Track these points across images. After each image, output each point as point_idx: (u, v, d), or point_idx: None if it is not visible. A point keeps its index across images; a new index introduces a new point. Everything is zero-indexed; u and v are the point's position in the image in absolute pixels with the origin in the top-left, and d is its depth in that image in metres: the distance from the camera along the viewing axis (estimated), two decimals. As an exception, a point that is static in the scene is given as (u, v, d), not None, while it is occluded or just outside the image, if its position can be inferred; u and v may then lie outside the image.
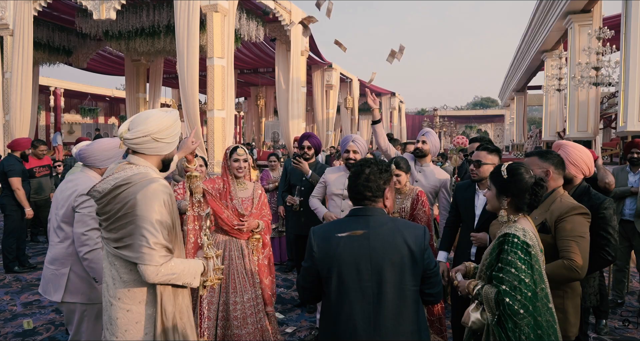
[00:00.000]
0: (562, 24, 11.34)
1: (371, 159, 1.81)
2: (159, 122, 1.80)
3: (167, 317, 1.72)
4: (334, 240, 1.67)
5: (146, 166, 1.82)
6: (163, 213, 1.71)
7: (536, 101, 26.21)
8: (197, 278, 1.82)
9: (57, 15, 11.43)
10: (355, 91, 19.70)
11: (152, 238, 1.66)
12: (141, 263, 1.66)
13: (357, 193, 1.74)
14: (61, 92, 21.43)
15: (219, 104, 8.99)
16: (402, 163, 3.03)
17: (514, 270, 1.66)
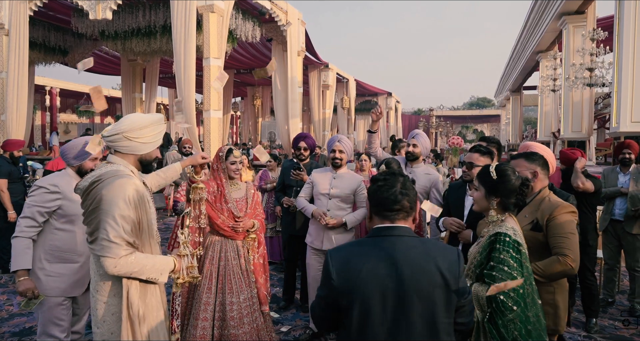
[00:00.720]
0: (556, 24, 11.43)
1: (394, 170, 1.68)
2: (133, 122, 1.90)
3: (133, 311, 1.79)
4: (356, 266, 1.42)
5: (122, 164, 1.89)
6: (126, 208, 1.76)
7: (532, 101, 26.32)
8: (164, 274, 1.85)
9: (53, 15, 11.42)
10: (351, 91, 19.74)
11: (112, 232, 1.73)
12: (101, 255, 1.75)
13: (386, 207, 1.48)
14: (57, 92, 21.38)
15: (215, 104, 9.02)
16: (394, 164, 3.08)
17: (506, 268, 1.72)
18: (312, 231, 3.40)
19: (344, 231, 3.27)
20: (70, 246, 2.39)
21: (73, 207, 2.36)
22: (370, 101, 24.89)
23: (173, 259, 1.91)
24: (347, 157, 3.42)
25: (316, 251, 3.35)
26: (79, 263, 2.42)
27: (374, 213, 1.52)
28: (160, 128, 1.97)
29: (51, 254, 2.35)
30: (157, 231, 2.06)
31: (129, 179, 1.83)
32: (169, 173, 2.36)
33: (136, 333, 1.80)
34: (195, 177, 2.49)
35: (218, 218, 2.67)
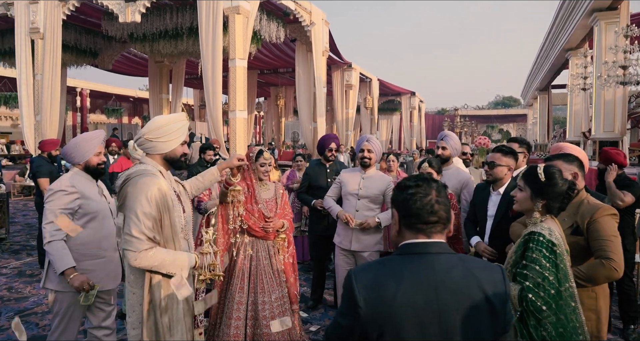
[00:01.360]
0: (587, 21, 11.10)
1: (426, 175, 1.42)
2: (151, 124, 2.01)
3: (155, 302, 1.89)
4: (388, 291, 1.17)
5: (151, 164, 2.00)
6: (147, 205, 1.85)
7: (560, 100, 25.65)
8: (184, 270, 1.92)
9: (85, 18, 11.76)
10: (374, 91, 19.64)
11: (134, 227, 1.83)
12: (124, 248, 1.87)
13: (420, 219, 1.24)
14: (87, 93, 21.99)
15: (240, 104, 9.12)
16: (435, 163, 3.05)
17: (538, 267, 1.70)
18: (340, 231, 3.40)
19: (372, 231, 3.26)
20: (95, 243, 2.46)
21: (92, 205, 2.46)
22: (394, 100, 24.71)
23: (195, 256, 1.97)
24: (376, 157, 3.40)
25: (344, 251, 3.35)
26: (104, 258, 2.50)
27: (405, 227, 1.26)
28: (178, 125, 2.02)
29: (78, 253, 2.42)
30: (187, 230, 2.10)
31: (153, 179, 1.91)
32: (207, 177, 2.40)
33: (158, 323, 1.90)
34: (232, 179, 2.52)
35: (250, 219, 2.70)
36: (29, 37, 10.60)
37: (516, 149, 3.14)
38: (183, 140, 2.06)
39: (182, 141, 2.05)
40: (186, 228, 2.10)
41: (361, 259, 3.30)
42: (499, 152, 2.76)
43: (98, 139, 2.55)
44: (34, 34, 10.49)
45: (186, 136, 2.09)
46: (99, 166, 2.53)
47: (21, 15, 10.55)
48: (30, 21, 10.48)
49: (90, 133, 2.58)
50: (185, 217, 2.10)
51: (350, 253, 3.35)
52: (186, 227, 2.10)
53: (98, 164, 2.53)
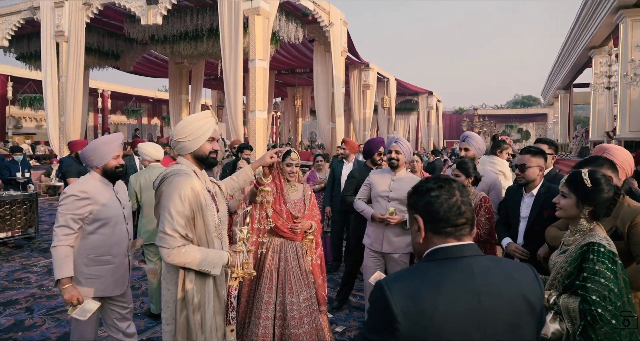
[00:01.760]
0: (612, 19, 10.84)
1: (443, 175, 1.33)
2: (178, 126, 2.05)
3: (187, 298, 1.93)
4: (428, 301, 1.06)
5: (185, 164, 2.05)
6: (180, 203, 1.89)
7: (581, 99, 25.10)
8: (217, 267, 1.94)
9: (107, 21, 11.98)
10: (392, 91, 19.54)
11: (168, 225, 1.88)
12: (158, 244, 1.91)
13: (449, 221, 1.16)
14: (108, 95, 22.40)
15: (260, 105, 9.17)
16: (466, 165, 3.00)
17: (603, 280, 1.64)
18: (370, 232, 3.38)
19: (402, 232, 3.24)
20: (105, 249, 2.43)
21: (104, 210, 2.41)
22: (411, 100, 24.56)
23: (227, 254, 1.98)
24: (405, 158, 3.35)
25: (375, 253, 3.34)
26: (114, 264, 2.46)
27: (432, 231, 1.17)
28: (202, 123, 2.03)
29: (88, 258, 2.40)
30: (221, 229, 2.12)
31: (187, 178, 1.95)
32: (242, 176, 2.42)
33: (189, 320, 1.93)
34: (263, 179, 2.53)
35: (278, 220, 2.71)
36: (54, 41, 10.86)
37: (545, 150, 3.09)
38: (210, 137, 2.06)
39: (209, 137, 2.06)
40: (220, 227, 2.12)
41: (391, 261, 3.28)
42: (528, 153, 2.70)
43: (116, 143, 2.53)
44: (59, 37, 10.74)
45: (214, 133, 2.08)
46: (116, 170, 2.51)
47: (47, 18, 10.81)
48: (56, 25, 10.73)
49: (109, 136, 2.56)
50: (219, 216, 2.12)
51: (380, 255, 3.34)
52: (220, 226, 2.12)
53: (116, 168, 2.51)
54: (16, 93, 19.00)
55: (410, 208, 1.24)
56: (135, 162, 5.90)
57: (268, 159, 2.47)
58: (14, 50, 12.90)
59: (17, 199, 5.92)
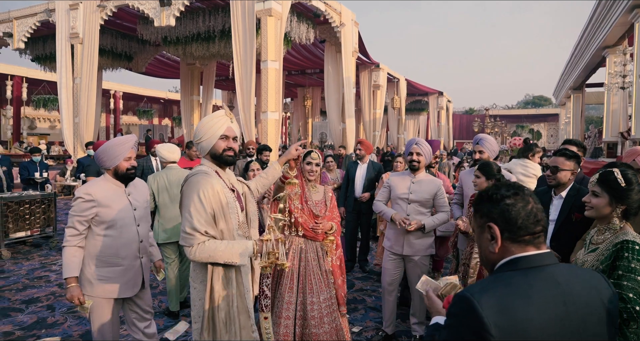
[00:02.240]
0: (627, 18, 10.71)
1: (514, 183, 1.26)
2: (195, 130, 2.10)
3: (214, 296, 1.94)
4: (521, 313, 1.01)
5: (205, 164, 2.08)
6: (199, 202, 1.91)
7: (594, 99, 24.84)
8: (242, 257, 1.93)
9: (121, 23, 12.12)
10: (402, 91, 19.49)
11: (187, 224, 1.91)
12: (181, 244, 1.95)
13: (527, 230, 1.12)
14: (120, 95, 22.63)
15: (272, 106, 9.22)
16: (489, 168, 2.99)
17: (639, 278, 1.66)
18: (390, 235, 3.38)
19: (423, 235, 3.25)
20: (113, 251, 2.43)
21: (109, 213, 2.41)
22: (421, 100, 24.47)
23: (253, 243, 1.97)
24: (426, 160, 3.34)
25: (395, 256, 3.35)
26: (123, 266, 2.46)
27: (509, 240, 1.13)
28: (213, 122, 2.04)
29: (98, 259, 2.41)
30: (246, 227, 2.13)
31: (205, 177, 1.97)
32: (270, 172, 2.43)
33: (215, 318, 1.95)
34: (289, 173, 2.53)
35: (301, 216, 2.75)
36: (69, 42, 11.01)
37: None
38: (222, 134, 2.04)
39: (221, 135, 2.04)
40: (245, 226, 2.13)
41: (411, 263, 3.29)
42: (563, 156, 2.64)
43: (129, 144, 2.50)
44: (74, 39, 10.88)
45: (227, 131, 2.06)
46: (128, 172, 2.49)
47: (62, 20, 10.97)
48: (70, 26, 10.88)
49: (121, 138, 2.54)
50: (248, 215, 2.15)
51: (400, 257, 3.35)
52: (246, 225, 2.14)
53: (127, 169, 2.49)
54: (31, 94, 19.30)
55: (482, 216, 1.18)
56: (152, 163, 5.96)
57: (294, 151, 2.46)
58: (29, 52, 13.09)
59: (36, 199, 6.03)
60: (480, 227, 1.19)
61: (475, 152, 3.57)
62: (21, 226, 5.83)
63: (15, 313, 3.88)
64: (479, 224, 1.20)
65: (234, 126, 2.11)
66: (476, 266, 2.92)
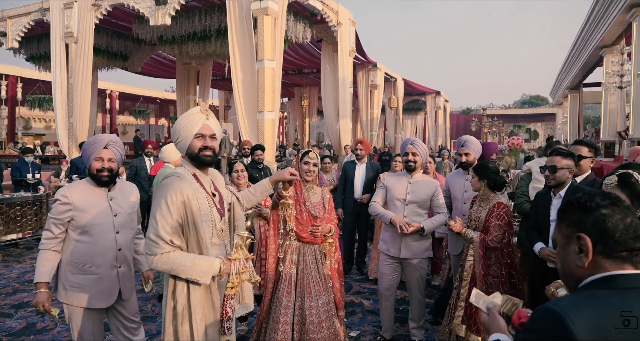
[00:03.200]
0: (625, 17, 10.68)
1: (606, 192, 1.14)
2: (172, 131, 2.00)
3: (177, 308, 1.82)
4: (618, 336, 0.93)
5: (185, 165, 1.95)
6: (166, 208, 1.78)
7: (591, 98, 24.85)
8: (205, 276, 1.79)
9: (116, 22, 12.00)
10: (399, 91, 19.43)
11: (152, 230, 1.78)
12: (144, 251, 1.83)
13: (625, 245, 1.01)
14: (116, 95, 22.49)
15: (269, 105, 9.13)
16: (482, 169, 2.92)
17: None
18: (386, 238, 3.28)
19: (420, 237, 3.17)
20: (87, 258, 2.29)
21: (85, 217, 2.27)
22: (418, 100, 24.44)
23: (220, 261, 1.83)
24: (422, 160, 3.27)
25: (392, 259, 3.26)
26: (97, 274, 2.30)
27: (602, 254, 1.01)
28: (187, 120, 1.91)
29: (72, 265, 2.29)
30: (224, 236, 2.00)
31: (176, 181, 1.83)
32: (259, 189, 2.29)
33: (178, 331, 1.82)
34: (283, 192, 2.45)
35: (298, 227, 2.65)
36: (63, 42, 10.89)
37: (585, 153, 3.00)
38: (197, 133, 1.89)
39: (196, 133, 1.89)
40: (224, 234, 2.00)
41: (409, 267, 3.21)
42: (559, 155, 2.64)
43: (99, 144, 2.33)
44: (68, 38, 10.77)
45: (203, 129, 1.90)
46: (98, 173, 2.30)
47: (56, 20, 10.85)
48: (65, 26, 10.76)
49: (96, 136, 2.41)
50: (232, 223, 2.04)
51: (397, 261, 3.26)
52: (224, 233, 2.00)
53: (98, 170, 2.30)
54: (25, 94, 19.13)
55: (569, 225, 1.07)
56: (145, 163, 5.86)
57: (287, 175, 2.33)
58: (24, 51, 12.96)
59: (28, 200, 5.92)
60: (566, 237, 1.08)
61: (461, 155, 3.47)
62: (12, 228, 5.72)
63: (4, 319, 3.79)
64: (565, 234, 1.08)
65: (212, 123, 1.95)
66: (470, 269, 2.85)
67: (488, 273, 2.80)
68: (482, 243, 2.80)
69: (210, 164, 1.97)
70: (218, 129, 1.99)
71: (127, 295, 2.44)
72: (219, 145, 2.03)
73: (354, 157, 5.21)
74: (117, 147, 2.42)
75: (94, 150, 2.33)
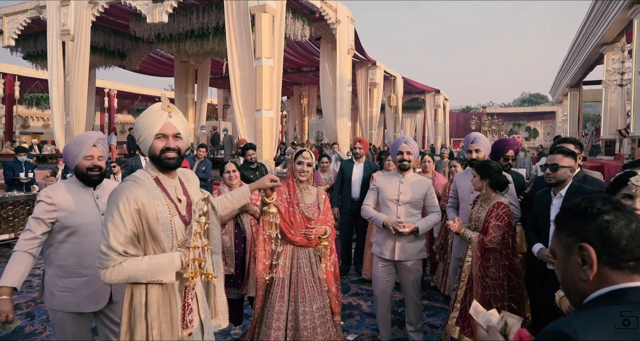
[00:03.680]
0: (626, 14, 10.59)
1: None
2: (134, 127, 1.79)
3: (134, 309, 1.68)
4: None
5: (149, 168, 1.78)
6: (118, 216, 1.61)
7: (591, 96, 24.77)
8: (168, 274, 1.66)
9: (113, 20, 11.91)
10: (399, 89, 19.36)
11: (103, 241, 1.61)
12: (96, 265, 1.63)
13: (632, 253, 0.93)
14: (114, 94, 22.39)
15: (267, 104, 9.06)
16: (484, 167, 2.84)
17: None
18: (379, 240, 3.19)
19: (415, 238, 3.09)
20: (76, 260, 2.20)
21: (71, 218, 2.19)
22: (418, 98, 24.35)
23: (180, 254, 1.69)
24: (414, 159, 3.21)
25: (386, 262, 3.18)
26: (87, 276, 2.21)
27: (608, 265, 0.92)
28: (146, 119, 1.73)
29: (61, 269, 2.19)
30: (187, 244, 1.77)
31: (132, 186, 1.67)
32: (237, 196, 2.14)
33: (134, 331, 1.68)
34: (266, 199, 2.35)
35: (289, 232, 2.56)
36: (60, 39, 10.80)
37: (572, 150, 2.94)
38: (157, 133, 1.72)
39: (155, 134, 1.72)
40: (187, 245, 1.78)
41: (404, 269, 3.13)
42: (561, 153, 2.58)
43: (89, 141, 2.24)
44: (65, 36, 10.68)
45: (163, 128, 1.74)
46: (89, 172, 2.22)
47: (53, 17, 10.76)
48: (62, 23, 10.67)
49: (83, 134, 2.30)
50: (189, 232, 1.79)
51: (391, 263, 3.18)
52: (186, 244, 1.78)
53: (88, 169, 2.21)
54: (23, 92, 19.02)
55: (569, 235, 0.98)
56: (140, 162, 5.78)
57: (268, 182, 2.21)
58: (20, 49, 12.88)
59: (20, 200, 5.84)
60: (566, 248, 0.99)
61: (472, 152, 3.38)
62: (4, 228, 5.65)
63: (-6, 321, 3.70)
64: (565, 244, 0.99)
65: (175, 120, 1.77)
66: (467, 270, 2.77)
67: (486, 275, 2.72)
68: (480, 244, 2.73)
69: (175, 167, 1.80)
70: (184, 127, 1.82)
71: (118, 296, 2.33)
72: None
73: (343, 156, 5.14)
74: (105, 144, 2.35)
75: (82, 148, 2.23)
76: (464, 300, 2.75)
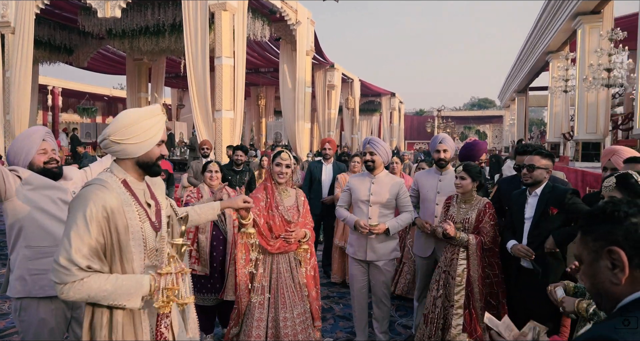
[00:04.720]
0: (570, 25, 11.27)
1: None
2: (117, 122, 1.58)
3: (95, 334, 1.53)
4: None
5: (115, 171, 1.62)
6: (84, 226, 1.46)
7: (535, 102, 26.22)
8: (133, 299, 1.50)
9: (59, 13, 11.21)
10: (356, 91, 19.58)
11: (63, 253, 1.44)
12: (51, 278, 1.47)
13: None
14: (59, 92, 21.14)
15: (227, 104, 8.84)
16: (474, 169, 2.86)
17: None
18: (352, 241, 3.18)
19: (386, 238, 3.06)
20: (45, 235, 2.07)
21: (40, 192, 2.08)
22: (374, 101, 24.75)
23: (150, 279, 1.53)
24: (382, 159, 3.17)
25: (360, 262, 3.15)
26: None
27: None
28: (152, 122, 1.62)
29: (30, 250, 2.05)
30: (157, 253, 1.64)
31: (100, 191, 1.52)
32: (205, 211, 2.01)
33: None
34: (242, 221, 2.23)
35: (268, 245, 2.46)
36: (-1, 32, 10.03)
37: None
38: (160, 139, 1.64)
39: (159, 140, 1.64)
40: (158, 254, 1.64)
41: (375, 269, 3.11)
42: (538, 154, 2.65)
43: (38, 134, 2.13)
44: (4, 28, 9.91)
45: (164, 134, 1.68)
46: (46, 165, 2.11)
47: (-9, 8, 9.97)
48: (1, 14, 9.92)
49: (28, 129, 2.19)
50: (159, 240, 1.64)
51: (365, 263, 3.16)
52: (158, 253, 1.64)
53: (45, 163, 2.11)
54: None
55: (597, 239, 0.96)
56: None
57: (240, 203, 2.07)
58: (-48, 41, 11.84)
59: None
60: (593, 253, 0.97)
61: (440, 151, 3.40)
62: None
63: None
64: (593, 249, 0.97)
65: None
66: (463, 274, 2.76)
67: (484, 275, 2.77)
68: (479, 245, 2.75)
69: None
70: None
71: None
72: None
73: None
74: (53, 139, 2.23)
75: (32, 142, 2.12)
76: (466, 305, 2.73)
